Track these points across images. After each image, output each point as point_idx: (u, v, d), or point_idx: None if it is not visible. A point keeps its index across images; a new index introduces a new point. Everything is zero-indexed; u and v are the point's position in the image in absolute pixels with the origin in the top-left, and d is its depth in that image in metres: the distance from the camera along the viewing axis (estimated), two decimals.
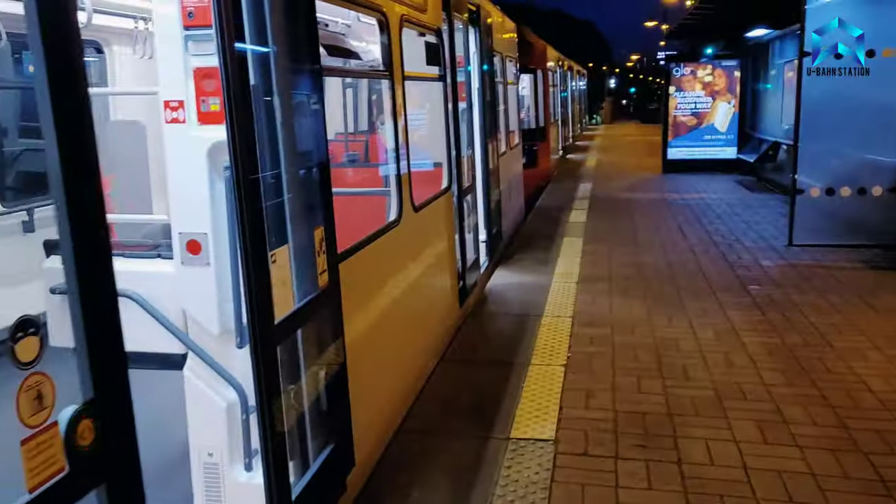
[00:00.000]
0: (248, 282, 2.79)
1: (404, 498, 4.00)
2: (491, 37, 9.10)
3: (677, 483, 4.08)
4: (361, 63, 6.13)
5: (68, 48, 1.85)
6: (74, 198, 1.84)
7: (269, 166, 3.22)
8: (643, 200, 14.30)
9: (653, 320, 6.88)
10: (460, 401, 5.26)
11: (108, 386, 1.94)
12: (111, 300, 1.97)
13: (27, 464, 1.70)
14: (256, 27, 3.11)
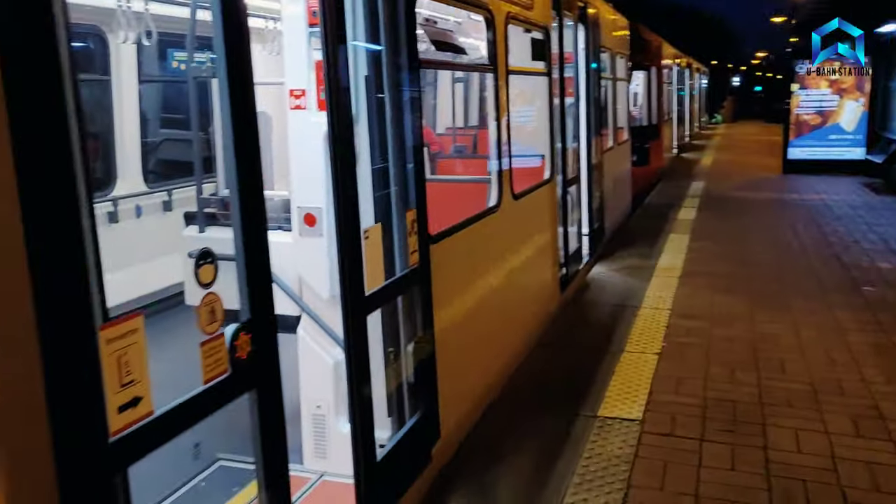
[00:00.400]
0: (342, 255, 3.07)
1: (493, 463, 4.27)
2: (601, 34, 9.25)
3: (761, 466, 4.15)
4: (469, 59, 6.42)
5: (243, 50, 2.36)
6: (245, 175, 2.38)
7: (368, 151, 3.60)
8: (758, 200, 13.92)
9: (754, 316, 6.83)
10: (553, 381, 5.48)
11: (260, 312, 2.46)
12: (264, 251, 2.51)
13: (203, 361, 2.22)
14: (363, 25, 3.49)
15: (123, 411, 1.88)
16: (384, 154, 3.70)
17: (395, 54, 3.69)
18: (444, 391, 4.09)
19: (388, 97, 3.68)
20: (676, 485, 4.00)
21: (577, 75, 8.23)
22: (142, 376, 1.94)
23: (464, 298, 4.69)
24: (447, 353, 4.17)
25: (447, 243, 4.29)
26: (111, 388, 1.84)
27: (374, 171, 3.66)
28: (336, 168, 3.04)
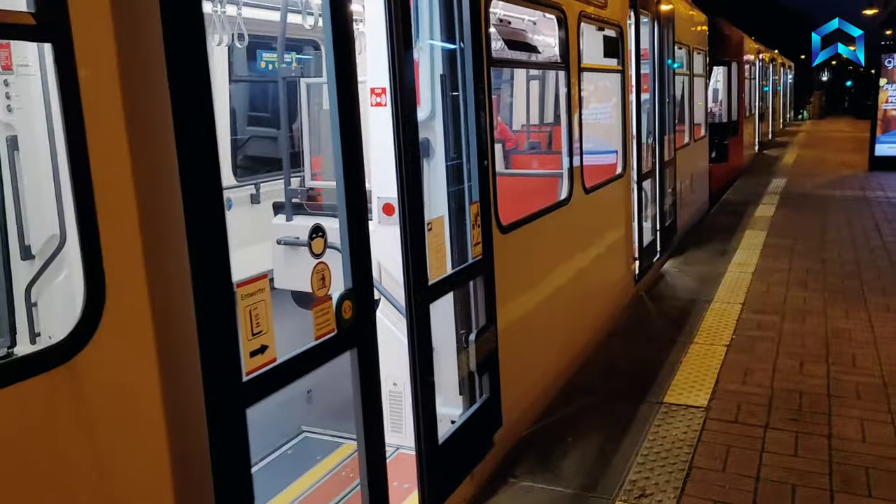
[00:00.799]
0: (406, 245, 3.26)
1: (559, 443, 4.51)
2: (677, 30, 9.31)
3: (824, 453, 4.25)
4: (541, 56, 6.62)
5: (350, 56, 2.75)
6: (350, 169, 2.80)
7: (443, 146, 3.87)
8: (840, 197, 13.59)
9: (828, 312, 6.82)
10: (621, 369, 5.66)
11: (361, 284, 2.87)
12: (365, 233, 2.90)
13: (315, 320, 2.65)
14: (439, 26, 3.77)
15: (254, 356, 2.29)
16: (458, 149, 3.95)
17: (469, 53, 3.91)
18: (509, 379, 4.30)
19: (461, 95, 3.92)
20: (738, 467, 4.14)
21: (652, 72, 8.32)
22: (267, 328, 2.34)
23: (534, 287, 4.93)
24: (514, 343, 4.40)
25: (518, 233, 4.53)
26: (245, 335, 2.25)
27: (448, 165, 3.92)
28: (400, 162, 3.25)
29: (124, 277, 1.96)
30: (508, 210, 4.41)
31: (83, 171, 1.86)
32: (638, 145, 7.50)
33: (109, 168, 1.92)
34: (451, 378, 4.02)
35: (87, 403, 1.89)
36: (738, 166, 17.90)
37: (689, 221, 10.85)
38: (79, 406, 1.87)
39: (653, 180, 8.26)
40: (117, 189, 1.95)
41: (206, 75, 2.13)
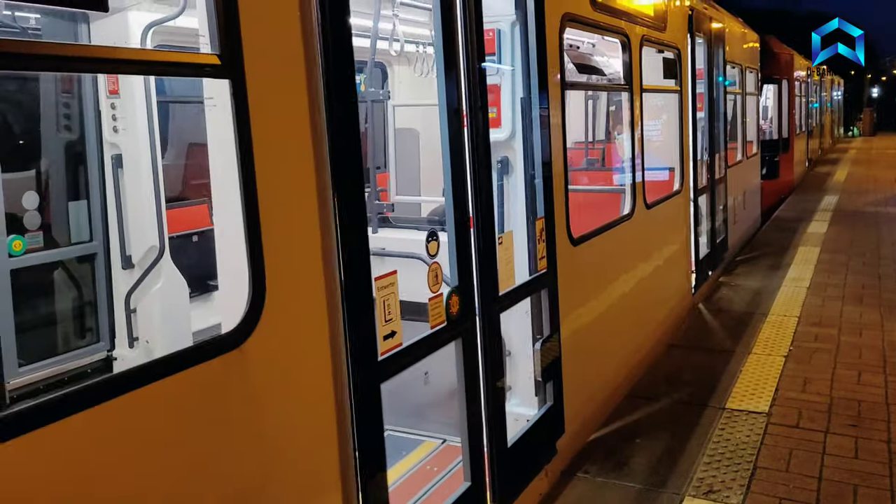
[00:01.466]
0: (479, 257, 3.44)
1: (627, 445, 4.77)
2: (730, 49, 9.56)
3: (883, 456, 4.45)
4: (605, 78, 6.92)
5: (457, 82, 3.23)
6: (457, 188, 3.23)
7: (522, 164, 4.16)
8: (893, 215, 13.56)
9: (885, 325, 6.96)
10: (683, 377, 5.90)
11: (465, 281, 3.26)
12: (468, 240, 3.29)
13: (431, 312, 3.04)
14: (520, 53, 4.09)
15: (386, 340, 2.70)
16: (533, 167, 4.23)
17: (544, 78, 4.23)
18: (574, 386, 4.53)
19: (537, 116, 4.20)
20: (801, 468, 4.37)
21: (708, 91, 8.57)
22: (396, 317, 2.74)
23: (601, 297, 5.22)
24: (582, 350, 4.67)
25: (587, 245, 4.83)
26: (380, 321, 2.65)
27: (527, 182, 4.20)
28: (475, 180, 3.42)
29: (283, 277, 2.35)
30: (576, 224, 4.72)
31: (251, 185, 2.25)
32: (693, 163, 7.75)
33: (271, 182, 2.31)
34: (527, 380, 4.26)
35: (253, 379, 2.27)
36: (789, 183, 17.92)
37: (742, 237, 11.02)
38: (247, 381, 2.26)
39: (707, 196, 8.48)
40: (278, 201, 2.34)
41: (355, 101, 2.53)
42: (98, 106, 4.68)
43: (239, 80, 2.21)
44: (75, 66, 2.34)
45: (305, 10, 2.44)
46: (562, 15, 4.50)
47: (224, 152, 2.25)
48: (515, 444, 3.86)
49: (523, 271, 4.09)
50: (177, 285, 4.84)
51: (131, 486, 1.95)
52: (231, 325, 2.25)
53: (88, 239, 4.91)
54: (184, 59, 2.28)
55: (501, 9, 4.05)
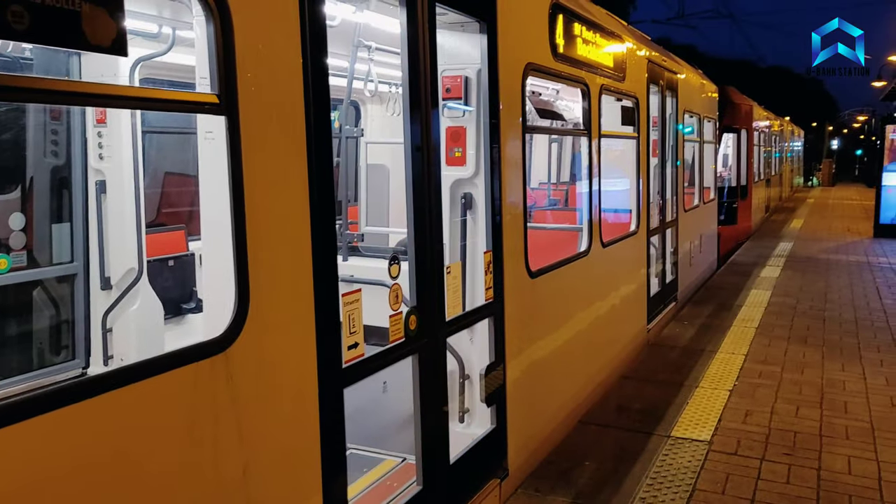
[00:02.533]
0: (425, 287, 3.64)
1: (577, 467, 5.06)
2: (686, 99, 10.10)
3: (813, 482, 4.80)
4: (565, 123, 7.32)
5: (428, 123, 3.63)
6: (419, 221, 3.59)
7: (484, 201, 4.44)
8: (844, 262, 14.17)
9: (825, 365, 7.37)
10: (633, 407, 6.23)
11: (423, 302, 3.58)
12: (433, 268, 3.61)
13: (391, 328, 3.32)
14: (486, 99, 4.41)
15: (350, 350, 3.01)
16: (493, 203, 4.50)
17: (507, 121, 4.58)
18: (528, 410, 4.83)
19: (497, 157, 4.47)
20: (736, 491, 4.69)
21: (662, 138, 9.02)
22: (359, 329, 3.05)
23: (558, 328, 5.53)
24: (535, 377, 4.96)
25: (545, 278, 5.15)
26: (345, 333, 2.96)
27: (488, 217, 4.48)
28: (416, 214, 3.62)
29: (265, 291, 2.65)
30: (537, 259, 5.05)
31: (240, 209, 2.56)
32: (648, 205, 8.16)
33: (257, 207, 2.62)
34: (481, 406, 4.51)
35: (237, 380, 2.55)
36: (746, 229, 18.61)
37: (698, 279, 11.47)
38: (231, 382, 2.53)
39: (659, 237, 8.87)
40: (262, 224, 2.65)
41: (330, 139, 2.90)
42: (85, 134, 4.95)
43: (234, 117, 2.53)
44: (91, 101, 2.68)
45: (293, 55, 2.78)
46: (525, 64, 4.86)
47: (217, 180, 2.56)
48: (458, 460, 4.09)
49: (481, 301, 4.36)
50: (152, 307, 5.06)
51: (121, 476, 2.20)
52: (218, 331, 2.53)
53: (70, 260, 5.13)
54: (187, 98, 2.61)
55: (469, 57, 4.39)
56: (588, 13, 6.18)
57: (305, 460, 2.88)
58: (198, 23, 2.59)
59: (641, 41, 8.14)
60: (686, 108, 10.19)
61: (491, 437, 4.50)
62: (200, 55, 2.58)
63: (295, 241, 2.79)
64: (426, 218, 3.68)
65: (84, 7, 1.98)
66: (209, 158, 2.67)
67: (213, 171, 2.62)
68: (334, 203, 2.95)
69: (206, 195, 2.74)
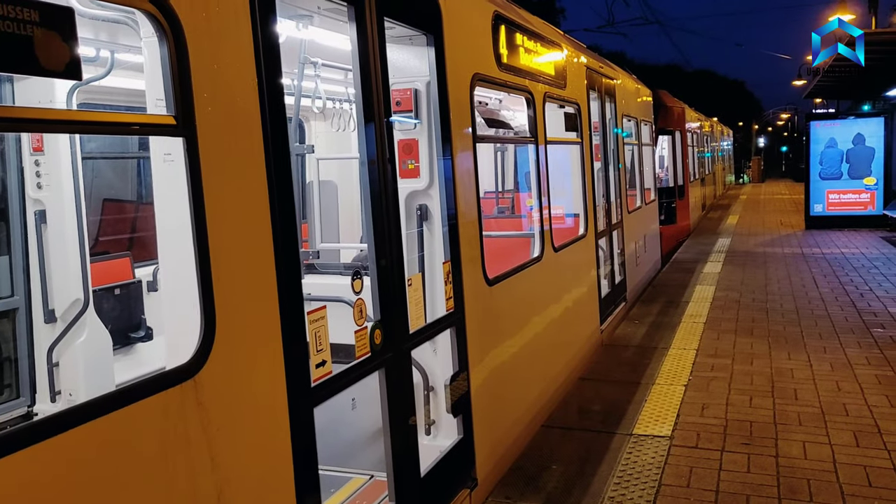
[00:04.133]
0: (387, 300, 3.65)
1: (544, 470, 5.09)
2: (624, 104, 10.36)
3: (772, 470, 4.93)
4: (511, 131, 7.39)
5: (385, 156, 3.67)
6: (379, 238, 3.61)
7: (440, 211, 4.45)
8: (780, 255, 14.67)
9: (773, 355, 7.60)
10: (593, 407, 6.30)
11: (387, 315, 3.58)
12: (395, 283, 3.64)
13: (357, 343, 3.29)
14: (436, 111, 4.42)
15: (318, 368, 2.97)
16: (448, 213, 4.52)
17: (458, 131, 4.61)
18: (492, 417, 4.87)
19: (449, 167, 4.50)
20: (701, 483, 4.78)
21: (604, 143, 9.20)
22: (326, 347, 3.01)
23: (517, 333, 5.57)
24: (497, 385, 4.99)
25: (501, 285, 5.18)
26: (312, 351, 2.91)
27: (444, 228, 4.50)
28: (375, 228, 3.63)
29: (231, 314, 2.59)
30: (490, 267, 5.06)
31: (202, 230, 2.50)
32: (594, 208, 8.29)
33: (219, 228, 2.57)
34: (444, 421, 4.50)
35: (206, 405, 2.50)
36: (686, 228, 19.08)
37: (644, 279, 11.72)
38: (201, 407, 2.48)
39: (607, 239, 9.01)
40: (225, 244, 2.60)
41: (288, 157, 2.87)
42: (21, 163, 4.77)
43: (192, 138, 2.47)
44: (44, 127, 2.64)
45: (248, 73, 2.74)
46: (472, 74, 4.91)
47: (177, 203, 2.49)
48: (428, 473, 4.10)
49: (441, 312, 4.36)
50: (101, 338, 4.89)
51: None
52: (184, 358, 2.47)
53: (10, 294, 4.93)
54: (144, 120, 2.55)
55: (418, 70, 4.41)
56: (528, 23, 6.28)
57: (279, 483, 2.84)
58: (148, 44, 2.53)
59: (579, 49, 8.33)
60: (624, 113, 10.44)
61: (458, 447, 4.49)
62: (152, 77, 2.52)
63: (259, 262, 2.74)
64: (385, 231, 3.68)
65: (36, 32, 1.93)
66: (168, 181, 2.60)
67: (173, 194, 2.55)
68: (297, 221, 2.90)
69: (165, 219, 2.68)
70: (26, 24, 1.92)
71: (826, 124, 19.03)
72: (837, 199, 18.69)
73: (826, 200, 18.80)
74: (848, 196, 18.57)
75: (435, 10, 4.39)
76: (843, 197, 18.64)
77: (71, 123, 2.64)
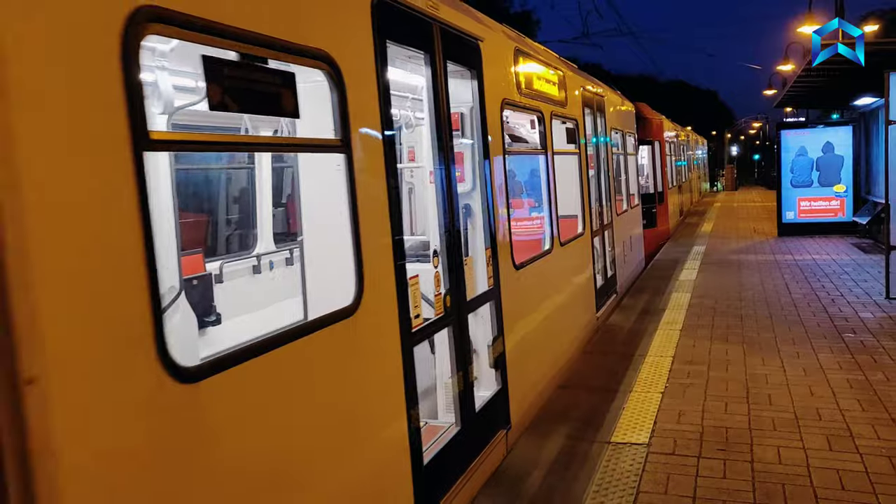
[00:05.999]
0: (452, 276, 4.85)
1: (527, 476, 5.13)
2: (613, 119, 11.51)
3: (748, 475, 5.00)
4: (526, 144, 8.20)
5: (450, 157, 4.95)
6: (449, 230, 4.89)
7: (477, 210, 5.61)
8: (753, 261, 14.88)
9: (747, 360, 7.71)
10: (573, 416, 6.33)
11: (454, 286, 4.82)
12: (457, 263, 4.86)
13: (435, 304, 4.62)
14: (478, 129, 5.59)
15: (415, 319, 4.14)
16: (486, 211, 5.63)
17: (494, 146, 5.80)
18: (519, 375, 6.02)
19: (487, 174, 5.61)
20: (678, 490, 4.84)
21: (596, 153, 10.24)
22: (419, 305, 4.28)
23: (536, 310, 6.85)
24: (523, 350, 6.18)
25: (525, 270, 6.37)
26: (412, 305, 4.10)
27: (484, 223, 5.62)
28: (445, 221, 4.85)
29: (370, 277, 3.69)
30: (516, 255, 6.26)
31: (355, 220, 3.55)
32: (590, 210, 9.31)
33: (369, 218, 3.68)
34: (487, 371, 5.55)
35: (359, 334, 3.60)
36: (665, 231, 19.77)
37: (630, 276, 12.59)
38: (356, 335, 3.58)
39: (600, 238, 10.01)
40: (368, 232, 3.68)
41: (396, 170, 4.01)
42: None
43: (349, 155, 3.54)
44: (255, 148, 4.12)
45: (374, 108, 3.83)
46: (501, 99, 6.07)
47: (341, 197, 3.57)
48: (480, 411, 5.22)
49: (484, 288, 5.49)
50: (190, 319, 5.35)
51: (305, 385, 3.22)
52: (347, 303, 3.53)
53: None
54: (320, 142, 3.60)
55: (465, 98, 5.56)
56: (537, 53, 7.59)
57: (395, 391, 3.91)
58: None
59: (575, 71, 9.54)
60: (612, 126, 11.55)
61: (497, 396, 5.59)
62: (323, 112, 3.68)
63: (384, 243, 3.85)
64: (451, 224, 4.85)
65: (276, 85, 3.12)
66: (336, 183, 3.55)
67: (338, 193, 3.56)
68: (401, 216, 4.00)
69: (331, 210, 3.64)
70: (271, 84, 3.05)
71: (796, 133, 19.37)
72: (808, 207, 19.01)
73: (797, 208, 19.11)
74: (819, 203, 18.90)
75: (478, 51, 5.54)
76: (813, 204, 18.97)
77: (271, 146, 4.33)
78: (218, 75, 2.73)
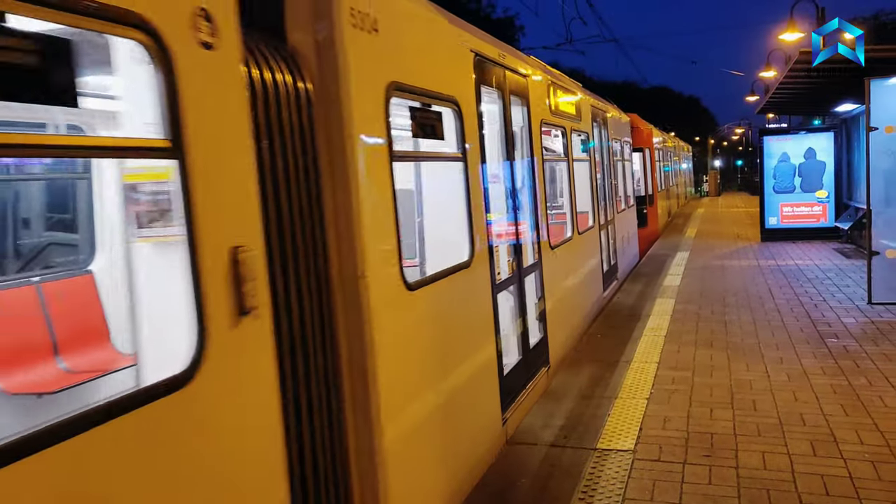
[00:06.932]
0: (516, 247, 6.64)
1: (514, 484, 5.12)
2: (613, 130, 13.45)
3: (733, 481, 5.02)
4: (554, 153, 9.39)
5: None
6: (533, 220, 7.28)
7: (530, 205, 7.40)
8: (736, 266, 14.98)
9: (731, 366, 7.75)
10: (557, 423, 6.34)
11: (516, 254, 6.76)
12: None
13: (508, 269, 6.58)
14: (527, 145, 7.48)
15: (498, 275, 6.07)
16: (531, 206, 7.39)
17: (533, 155, 7.54)
18: (553, 328, 7.78)
19: (529, 181, 7.37)
20: (664, 496, 4.85)
21: (601, 159, 12.09)
22: (497, 266, 6.04)
23: (564, 282, 8.68)
24: (557, 311, 8.02)
25: (559, 249, 8.25)
26: (497, 267, 6.10)
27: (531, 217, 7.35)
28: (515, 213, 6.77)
29: (477, 249, 5.49)
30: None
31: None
32: (598, 207, 11.28)
33: (476, 209, 5.53)
34: (534, 322, 7.23)
35: (474, 279, 5.44)
36: (655, 231, 20.99)
37: (628, 266, 14.65)
38: (472, 279, 5.39)
39: (605, 232, 11.86)
40: (477, 218, 5.53)
41: None
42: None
43: (465, 164, 5.43)
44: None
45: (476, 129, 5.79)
46: (540, 120, 7.88)
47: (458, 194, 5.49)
48: (531, 349, 6.95)
49: (532, 261, 7.23)
50: None
51: None
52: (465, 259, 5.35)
53: None
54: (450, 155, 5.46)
55: (518, 120, 7.23)
56: (562, 80, 9.63)
57: (489, 322, 5.70)
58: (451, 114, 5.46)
59: (587, 93, 11.49)
60: (613, 137, 13.44)
61: (541, 342, 7.32)
62: None
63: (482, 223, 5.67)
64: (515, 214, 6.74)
65: None
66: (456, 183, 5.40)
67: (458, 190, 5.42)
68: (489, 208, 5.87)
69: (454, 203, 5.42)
70: None
71: (778, 139, 19.54)
72: (791, 213, 19.17)
73: (780, 213, 19.26)
74: (801, 209, 19.05)
75: (526, 84, 7.39)
76: (796, 210, 19.12)
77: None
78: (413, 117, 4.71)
